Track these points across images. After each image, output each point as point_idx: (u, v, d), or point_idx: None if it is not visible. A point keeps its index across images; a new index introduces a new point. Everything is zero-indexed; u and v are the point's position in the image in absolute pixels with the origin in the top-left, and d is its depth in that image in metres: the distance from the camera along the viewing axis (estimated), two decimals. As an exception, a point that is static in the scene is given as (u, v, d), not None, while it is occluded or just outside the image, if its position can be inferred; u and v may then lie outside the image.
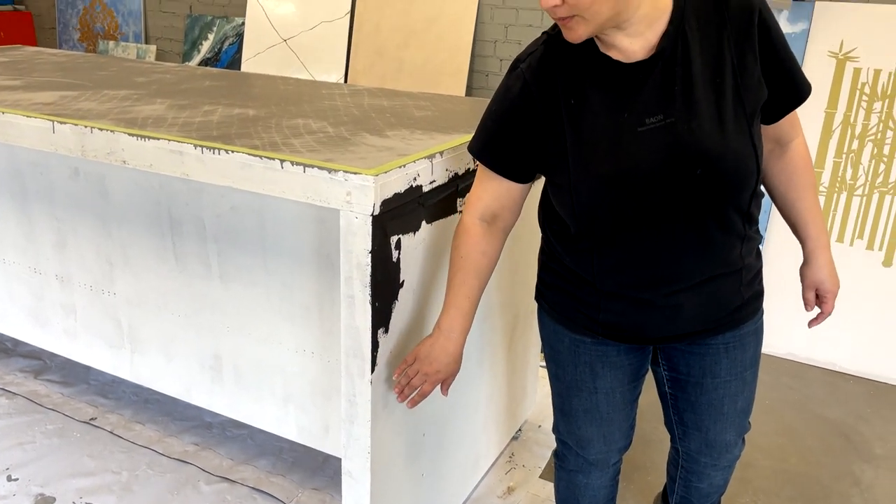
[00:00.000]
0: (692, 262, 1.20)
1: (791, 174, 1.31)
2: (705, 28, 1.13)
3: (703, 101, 1.11)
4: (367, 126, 1.65)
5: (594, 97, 1.15)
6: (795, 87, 1.21)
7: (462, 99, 2.15)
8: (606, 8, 1.06)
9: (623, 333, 1.30)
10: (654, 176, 1.13)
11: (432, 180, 1.40)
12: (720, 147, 1.11)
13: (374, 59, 3.84)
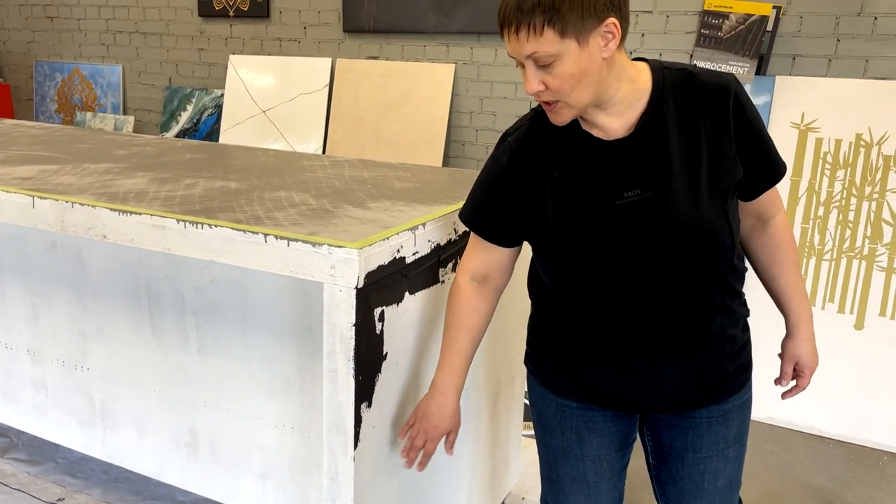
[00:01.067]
0: (671, 332, 1.23)
1: (773, 250, 1.34)
2: (682, 108, 1.18)
3: (678, 178, 1.16)
4: (350, 198, 1.67)
5: (576, 171, 1.21)
6: (771, 166, 1.25)
7: (441, 170, 2.19)
8: (587, 94, 1.13)
9: (607, 399, 1.32)
10: (630, 247, 1.18)
11: (415, 251, 1.42)
12: (694, 221, 1.16)
13: (353, 129, 3.91)
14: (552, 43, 1.09)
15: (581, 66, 1.11)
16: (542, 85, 1.13)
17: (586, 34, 1.09)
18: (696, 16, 3.12)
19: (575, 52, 1.10)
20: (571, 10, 1.08)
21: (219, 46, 4.37)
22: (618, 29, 1.11)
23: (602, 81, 1.14)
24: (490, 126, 3.69)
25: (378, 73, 3.85)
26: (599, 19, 1.10)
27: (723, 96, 1.18)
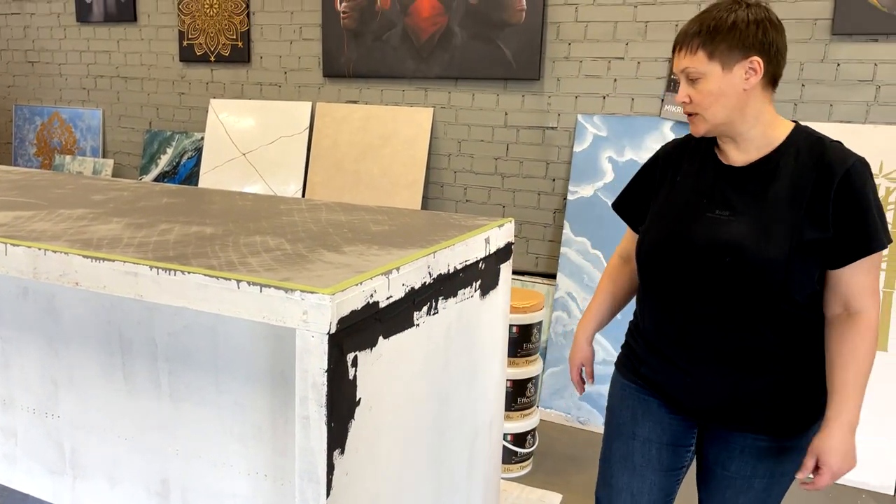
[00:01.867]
0: (710, 340, 1.43)
1: (842, 343, 1.37)
2: (800, 166, 1.37)
3: (762, 213, 1.37)
4: (325, 242, 1.68)
5: (692, 180, 1.48)
6: (861, 238, 1.33)
7: (418, 213, 2.22)
8: (721, 114, 1.38)
9: (658, 389, 1.54)
10: (696, 251, 1.42)
11: (389, 296, 1.42)
12: (752, 245, 1.36)
13: (333, 171, 3.95)
14: (701, 62, 1.36)
15: (720, 88, 1.36)
16: (688, 98, 1.40)
17: (731, 63, 1.35)
18: (666, 62, 3.21)
19: (718, 74, 1.35)
20: (723, 41, 1.34)
21: (199, 91, 4.41)
22: (761, 67, 1.35)
23: (737, 109, 1.37)
24: (468, 168, 3.74)
25: (357, 117, 3.91)
26: (745, 55, 1.34)
27: (836, 169, 1.34)
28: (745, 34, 1.34)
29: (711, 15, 1.38)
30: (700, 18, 1.40)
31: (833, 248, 1.34)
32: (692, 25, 1.39)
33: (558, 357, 3.34)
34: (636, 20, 3.24)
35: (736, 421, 1.45)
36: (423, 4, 3.64)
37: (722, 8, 1.39)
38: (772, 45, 1.36)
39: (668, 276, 1.46)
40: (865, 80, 2.89)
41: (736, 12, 1.36)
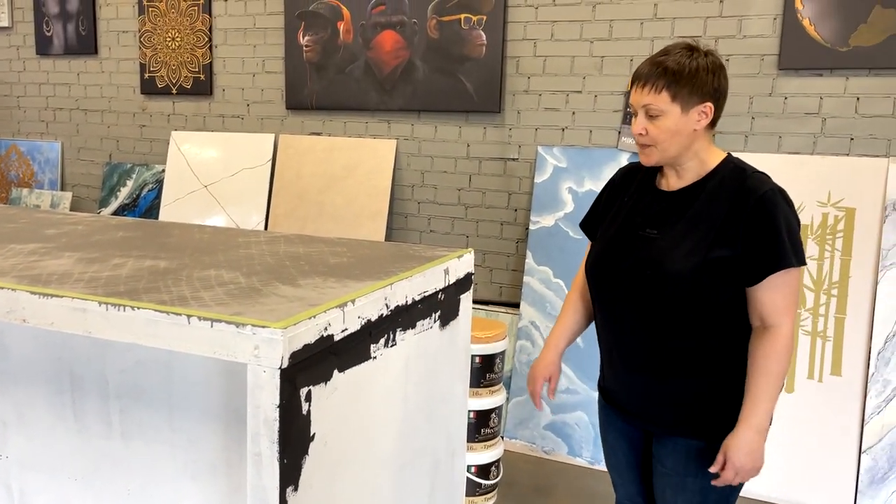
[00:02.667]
0: (634, 347, 1.59)
1: (757, 354, 1.52)
2: (722, 191, 1.53)
3: (682, 232, 1.53)
4: (281, 275, 1.67)
5: (634, 203, 1.66)
6: (769, 255, 1.47)
7: (379, 244, 2.21)
8: (674, 149, 1.54)
9: (612, 399, 1.71)
10: (625, 266, 1.59)
11: (344, 329, 1.42)
12: (668, 261, 1.52)
13: (296, 202, 3.94)
14: (664, 101, 1.51)
15: (677, 127, 1.51)
16: (645, 130, 1.54)
17: (689, 106, 1.51)
18: (622, 96, 3.29)
19: (676, 115, 1.51)
20: (686, 86, 1.50)
21: (161, 123, 4.38)
22: (711, 112, 1.53)
23: (686, 146, 1.54)
24: (431, 199, 3.76)
25: (321, 148, 3.92)
26: (702, 100, 1.51)
27: (751, 194, 1.49)
28: (704, 81, 1.50)
29: (675, 59, 1.52)
30: (663, 61, 1.52)
31: (744, 265, 1.48)
32: (656, 66, 1.51)
33: (522, 387, 3.34)
34: (592, 55, 3.33)
35: (665, 424, 1.60)
36: (386, 38, 3.69)
37: (682, 54, 1.53)
38: (721, 93, 1.54)
39: (606, 289, 1.64)
40: (812, 112, 3.00)
41: (697, 60, 1.51)
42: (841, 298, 2.81)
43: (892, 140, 2.90)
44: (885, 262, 2.76)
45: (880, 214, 2.81)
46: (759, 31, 3.03)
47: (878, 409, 2.70)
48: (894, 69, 2.85)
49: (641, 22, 3.21)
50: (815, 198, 2.90)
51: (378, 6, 3.68)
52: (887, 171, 2.83)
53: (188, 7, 4.19)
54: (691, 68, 1.50)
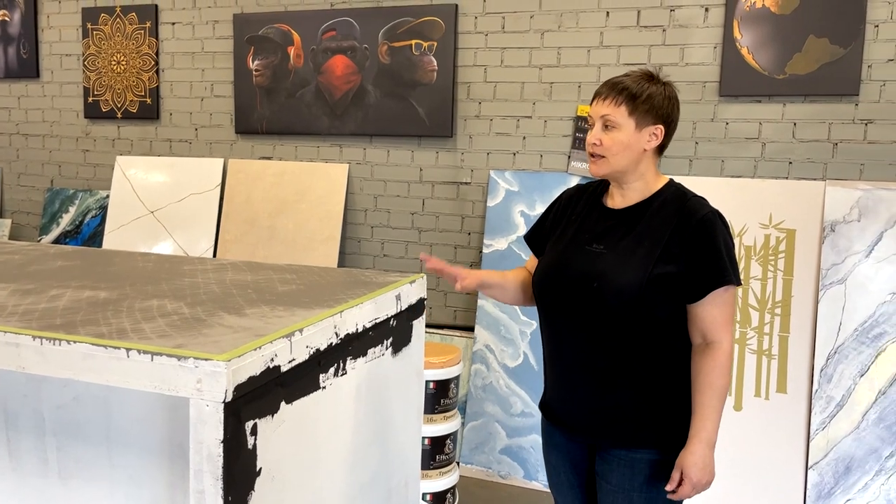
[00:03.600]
0: (578, 359, 1.63)
1: (700, 371, 1.59)
2: (664, 213, 1.61)
3: (628, 248, 1.60)
4: (226, 304, 1.63)
5: (581, 220, 1.71)
6: (709, 273, 1.55)
7: (331, 270, 2.19)
8: (622, 163, 1.62)
9: (553, 415, 1.73)
10: (572, 278, 1.64)
11: (291, 359, 1.39)
12: (614, 275, 1.58)
13: (246, 228, 3.88)
14: (622, 115, 1.60)
15: (629, 141, 1.60)
16: (599, 141, 1.61)
17: (643, 124, 1.60)
18: (571, 121, 3.35)
19: (631, 129, 1.60)
20: (643, 104, 1.59)
21: (105, 147, 4.28)
22: (661, 135, 1.62)
23: (634, 162, 1.61)
24: (385, 223, 3.75)
25: (271, 173, 3.87)
26: (654, 122, 1.61)
27: (691, 217, 1.57)
28: (660, 105, 1.61)
29: (635, 80, 1.63)
30: (624, 80, 1.64)
31: (685, 282, 1.55)
32: (618, 84, 1.63)
33: (478, 411, 3.33)
34: (542, 81, 3.38)
35: (609, 438, 1.63)
36: (337, 63, 3.69)
37: (643, 77, 1.64)
38: (672, 121, 1.64)
39: (552, 300, 1.68)
40: (752, 137, 3.10)
41: (656, 85, 1.63)
42: (784, 317, 2.89)
43: (827, 163, 3.01)
44: (824, 282, 2.86)
45: (819, 235, 2.91)
46: (701, 60, 3.13)
47: (823, 425, 2.77)
48: (828, 96, 2.98)
49: (588, 49, 3.29)
50: (757, 220, 2.99)
51: (329, 31, 3.69)
52: (824, 194, 2.94)
53: (134, 31, 4.12)
54: (650, 92, 1.61)
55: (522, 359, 3.30)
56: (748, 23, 3.03)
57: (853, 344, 2.79)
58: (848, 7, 2.89)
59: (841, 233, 2.87)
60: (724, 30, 3.07)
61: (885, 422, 2.71)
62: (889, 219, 2.82)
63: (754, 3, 3.01)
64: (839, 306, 2.83)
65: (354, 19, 3.63)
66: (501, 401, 3.29)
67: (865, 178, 2.97)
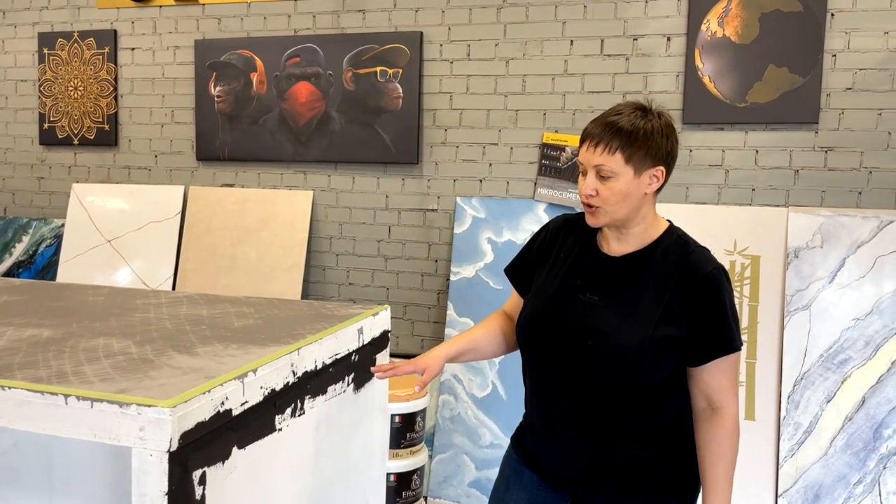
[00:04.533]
0: (572, 416, 1.51)
1: (710, 440, 1.48)
2: (666, 266, 1.48)
3: (627, 303, 1.47)
4: (178, 342, 1.56)
5: (571, 261, 1.57)
6: (716, 340, 1.44)
7: (291, 303, 2.12)
8: (623, 212, 1.47)
9: (533, 462, 1.61)
10: (563, 331, 1.50)
11: (244, 402, 1.32)
12: (614, 334, 1.45)
13: (206, 256, 3.78)
14: (618, 163, 1.43)
15: (628, 189, 1.44)
16: (595, 192, 1.46)
17: (642, 169, 1.44)
18: (537, 148, 3.35)
19: (629, 177, 1.43)
20: (640, 148, 1.43)
21: (61, 175, 4.16)
22: (663, 176, 1.47)
23: (635, 209, 1.47)
24: (350, 251, 3.69)
25: (233, 200, 3.79)
26: (654, 164, 1.45)
27: (695, 274, 1.45)
28: (658, 145, 1.44)
29: (629, 120, 1.44)
30: (616, 121, 1.44)
31: (689, 347, 1.45)
32: (610, 126, 1.44)
33: (446, 443, 3.26)
34: (507, 108, 3.38)
35: (596, 492, 1.53)
36: (301, 90, 3.64)
37: (636, 114, 1.45)
38: (673, 157, 1.50)
39: (540, 350, 1.55)
40: (715, 164, 3.13)
41: (651, 122, 1.45)
42: (751, 343, 2.89)
43: (790, 190, 3.04)
44: (789, 308, 2.87)
45: (783, 261, 2.93)
46: (664, 87, 3.16)
47: (792, 452, 2.77)
48: (788, 124, 3.02)
49: (553, 77, 3.30)
50: (722, 246, 3.00)
51: (293, 58, 3.65)
52: (787, 220, 2.96)
53: (92, 56, 4.03)
54: (646, 130, 1.43)
55: (491, 388, 3.25)
56: (709, 52, 3.07)
57: (819, 370, 2.80)
58: (806, 37, 2.94)
59: (804, 259, 2.89)
60: (686, 58, 3.10)
61: (852, 448, 2.71)
62: (851, 245, 2.85)
63: (715, 32, 3.05)
64: (804, 332, 2.84)
65: (319, 46, 3.60)
66: (470, 432, 3.23)
67: (827, 204, 3.00)
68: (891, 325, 2.76)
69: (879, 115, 2.93)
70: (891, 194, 2.94)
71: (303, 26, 3.66)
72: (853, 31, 2.92)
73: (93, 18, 4.05)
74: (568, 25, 3.26)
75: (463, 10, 3.39)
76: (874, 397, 2.73)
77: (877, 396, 2.73)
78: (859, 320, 2.79)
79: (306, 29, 3.65)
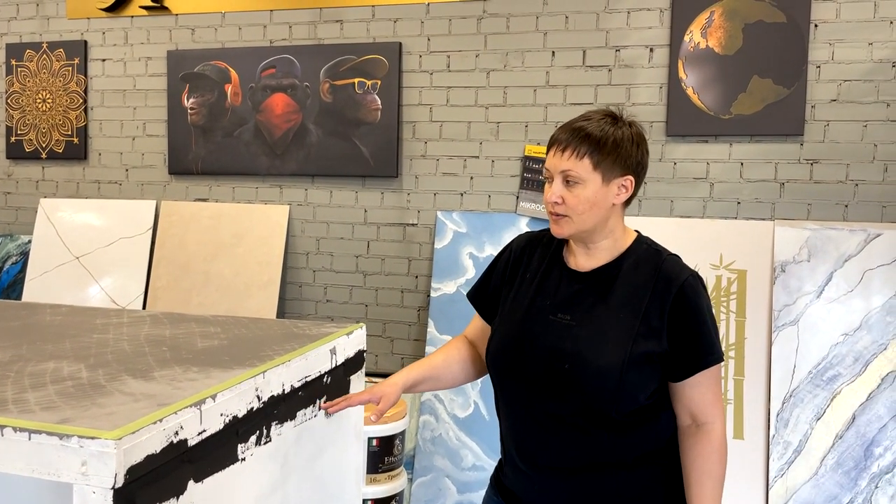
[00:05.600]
0: (551, 447, 1.41)
1: (695, 457, 1.39)
2: (638, 277, 1.40)
3: (601, 320, 1.38)
4: (134, 366, 1.45)
5: (540, 280, 1.47)
6: (696, 353, 1.36)
7: (262, 322, 2.01)
8: (590, 221, 1.39)
9: (510, 496, 1.51)
10: (537, 355, 1.41)
11: (202, 430, 1.21)
12: (591, 356, 1.36)
13: (179, 273, 3.65)
14: (586, 169, 1.36)
15: (596, 198, 1.37)
16: (561, 199, 1.38)
17: (610, 177, 1.38)
18: (519, 161, 3.28)
19: (597, 185, 1.37)
20: (609, 154, 1.37)
21: (28, 189, 4.02)
22: (631, 186, 1.40)
23: (602, 220, 1.40)
24: (328, 266, 3.58)
25: (207, 215, 3.68)
26: (623, 173, 1.39)
27: (670, 284, 1.37)
28: (628, 153, 1.39)
29: (598, 126, 1.39)
30: (585, 126, 1.39)
31: (670, 362, 1.37)
32: (578, 131, 1.38)
33: (427, 465, 3.15)
34: (488, 120, 3.31)
35: None
36: (277, 102, 3.55)
37: (606, 121, 1.40)
38: (643, 167, 1.44)
39: (514, 379, 1.46)
40: (700, 177, 3.08)
41: (621, 129, 1.40)
42: (738, 360, 2.82)
43: (775, 203, 3.00)
44: (777, 323, 2.81)
45: (770, 276, 2.87)
46: (647, 99, 3.11)
47: (782, 472, 2.69)
48: (773, 136, 2.98)
49: (535, 89, 3.24)
50: (708, 260, 2.94)
51: (268, 69, 3.56)
52: (773, 234, 2.91)
53: (62, 67, 3.91)
54: (616, 137, 1.38)
55: (473, 408, 3.15)
56: (692, 63, 3.03)
57: (808, 387, 2.73)
58: (790, 48, 2.91)
59: (791, 273, 2.84)
60: (670, 70, 3.06)
61: (843, 467, 2.64)
62: (838, 259, 2.80)
63: (698, 43, 3.01)
64: (793, 348, 2.77)
65: (295, 57, 3.51)
66: (451, 454, 3.12)
67: (813, 217, 2.96)
68: (880, 340, 2.70)
69: (865, 126, 2.90)
70: (877, 207, 2.90)
71: (279, 37, 3.57)
72: (837, 42, 2.89)
73: (63, 29, 3.94)
74: (549, 36, 3.20)
75: (443, 21, 3.33)
76: (864, 414, 2.67)
77: (867, 414, 2.66)
78: (848, 335, 2.73)
79: (282, 39, 3.57)
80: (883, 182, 2.89)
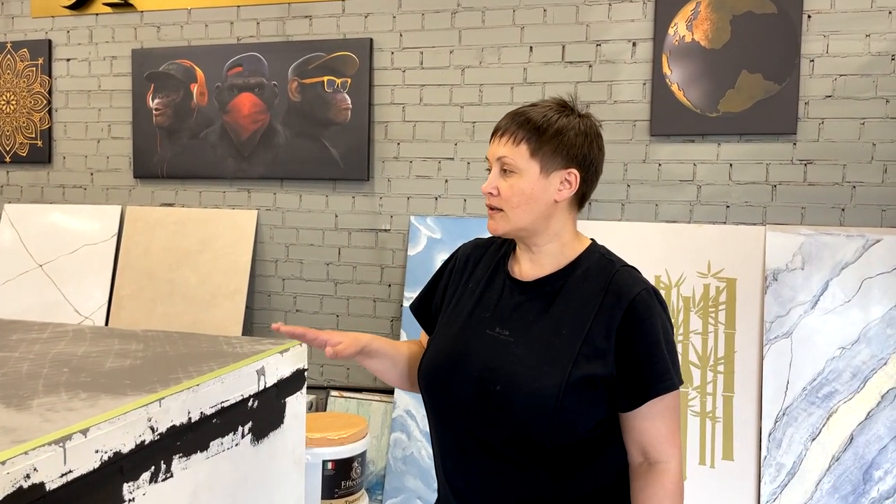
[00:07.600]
0: (485, 478, 1.26)
1: (645, 501, 1.20)
2: (587, 290, 1.24)
3: (542, 337, 1.23)
4: (16, 391, 1.27)
5: (482, 290, 1.33)
6: (646, 379, 1.18)
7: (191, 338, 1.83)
8: (526, 218, 1.25)
9: None
10: (469, 373, 1.26)
11: (66, 472, 1.03)
12: (528, 376, 1.20)
13: (144, 282, 3.49)
14: (522, 156, 1.23)
15: (533, 190, 1.23)
16: (496, 189, 1.25)
17: (550, 168, 1.23)
18: (495, 161, 3.10)
19: (535, 175, 1.23)
20: (549, 142, 1.23)
21: (-10, 194, 3.86)
22: (576, 181, 1.25)
23: (542, 217, 1.25)
24: (297, 275, 3.41)
25: (172, 221, 3.51)
26: (566, 165, 1.24)
27: (620, 298, 1.21)
28: (572, 142, 1.24)
29: (542, 112, 1.26)
30: (527, 111, 1.27)
31: (617, 388, 1.19)
32: (519, 116, 1.26)
33: (398, 486, 2.96)
34: (463, 120, 3.14)
35: None
36: (243, 101, 3.39)
37: (553, 108, 1.27)
38: (591, 163, 1.27)
39: (443, 400, 1.31)
40: (687, 179, 2.90)
41: (568, 117, 1.26)
42: (728, 375, 2.63)
43: (767, 207, 2.81)
44: (769, 336, 2.62)
45: (761, 285, 2.68)
46: (630, 97, 2.93)
47: (774, 496, 2.50)
48: (763, 135, 2.80)
49: (512, 87, 3.06)
50: (694, 268, 2.75)
51: (235, 67, 3.39)
52: (765, 239, 2.72)
53: (25, 67, 3.76)
54: (561, 125, 1.24)
55: (446, 425, 2.97)
56: (678, 58, 2.85)
57: (802, 405, 2.54)
58: (781, 41, 2.73)
59: (784, 282, 2.65)
60: (653, 65, 2.88)
61: (839, 492, 2.45)
62: (834, 266, 2.62)
63: (683, 36, 2.83)
64: (786, 362, 2.58)
65: (262, 54, 3.35)
66: (424, 474, 2.93)
67: (807, 221, 2.77)
68: (879, 354, 2.51)
69: (862, 124, 2.71)
70: (876, 211, 2.71)
71: (246, 34, 3.41)
72: (832, 34, 2.71)
73: (27, 28, 3.79)
74: (527, 31, 3.03)
75: (415, 15, 3.16)
76: (863, 434, 2.47)
77: (865, 434, 2.47)
78: (845, 349, 2.54)
79: (250, 36, 3.40)
80: (882, 184, 2.70)
